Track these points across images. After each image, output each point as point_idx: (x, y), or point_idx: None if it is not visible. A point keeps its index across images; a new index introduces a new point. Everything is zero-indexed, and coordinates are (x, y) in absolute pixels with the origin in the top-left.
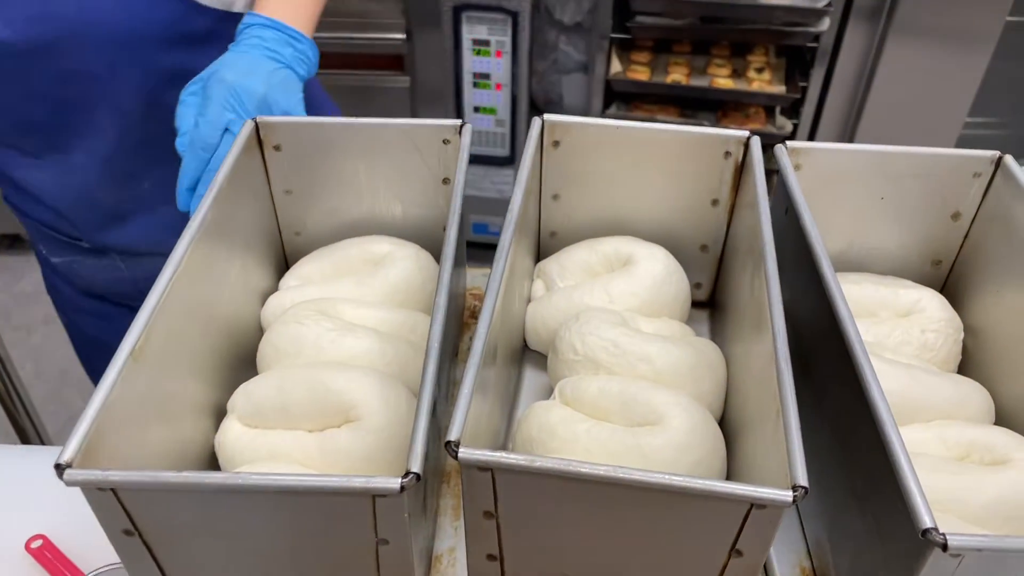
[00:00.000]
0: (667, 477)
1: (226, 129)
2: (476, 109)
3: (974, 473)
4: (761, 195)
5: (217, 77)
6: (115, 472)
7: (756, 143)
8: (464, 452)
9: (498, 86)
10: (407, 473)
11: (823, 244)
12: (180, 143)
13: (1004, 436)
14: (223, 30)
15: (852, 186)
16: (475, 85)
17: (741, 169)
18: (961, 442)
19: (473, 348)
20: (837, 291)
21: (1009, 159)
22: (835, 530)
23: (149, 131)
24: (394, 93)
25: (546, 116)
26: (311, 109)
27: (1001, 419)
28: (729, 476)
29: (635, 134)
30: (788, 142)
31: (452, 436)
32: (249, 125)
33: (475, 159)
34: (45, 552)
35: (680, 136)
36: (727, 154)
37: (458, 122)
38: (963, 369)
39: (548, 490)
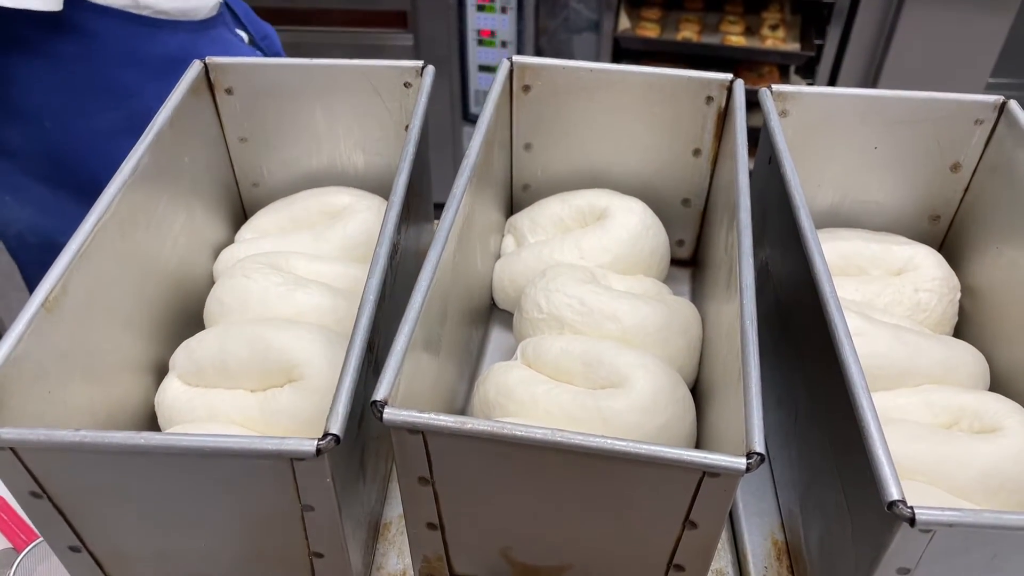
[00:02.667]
0: (609, 441)
1: None
2: (481, 68)
3: (961, 442)
4: (740, 142)
5: None
6: (7, 430)
7: (739, 87)
8: (390, 413)
9: (503, 44)
10: (325, 435)
11: (803, 193)
12: None
13: (995, 402)
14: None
15: (843, 134)
16: (480, 43)
17: (724, 116)
18: (949, 408)
19: (410, 303)
20: (814, 242)
21: (1013, 104)
22: (807, 501)
23: None
24: (397, 51)
25: (515, 57)
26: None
27: (997, 385)
28: (699, 443)
29: (610, 77)
30: (774, 86)
31: (378, 396)
32: (197, 66)
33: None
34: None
35: (658, 79)
36: (709, 99)
37: (419, 63)
38: (959, 332)
39: (484, 454)
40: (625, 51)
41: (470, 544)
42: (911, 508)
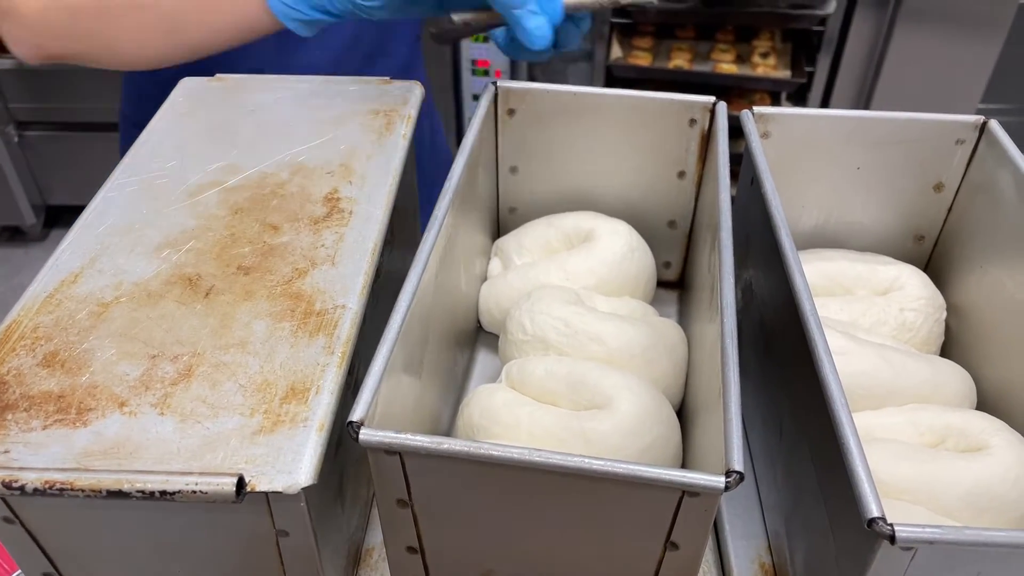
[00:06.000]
0: (587, 461)
1: None
2: (475, 97)
3: (947, 461)
4: (722, 163)
5: None
6: None
7: (722, 109)
8: (366, 434)
9: (497, 73)
10: None
11: (783, 212)
12: None
13: (981, 420)
14: None
15: (826, 155)
16: (474, 72)
17: (708, 138)
18: (935, 427)
19: (389, 325)
20: (794, 261)
21: (994, 124)
22: (793, 522)
23: None
24: None
25: (499, 82)
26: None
27: (984, 404)
28: (685, 464)
29: (594, 101)
30: (755, 108)
31: (354, 417)
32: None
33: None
34: None
35: (642, 102)
36: (692, 122)
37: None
38: (946, 351)
39: (462, 475)
40: (618, 79)
41: (451, 567)
42: (891, 525)
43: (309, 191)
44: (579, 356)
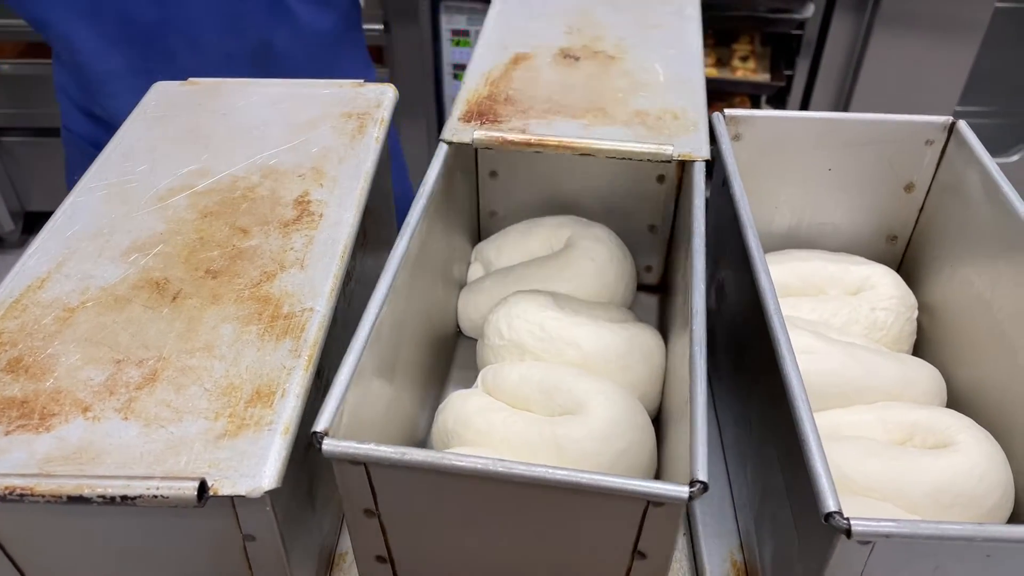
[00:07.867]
0: (550, 471)
1: None
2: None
3: (913, 458)
4: (698, 169)
5: None
6: None
7: None
8: (329, 444)
9: None
10: None
11: (751, 213)
12: None
13: (948, 417)
14: None
15: (798, 157)
16: (455, 76)
17: None
18: (903, 424)
19: (358, 331)
20: (759, 260)
21: (962, 124)
22: (761, 519)
23: None
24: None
25: None
26: None
27: (956, 402)
28: (659, 470)
29: None
30: (727, 110)
31: (318, 427)
32: None
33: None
34: None
35: None
36: None
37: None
38: (919, 350)
39: (428, 486)
40: None
41: None
42: (847, 519)
43: (279, 194)
44: (556, 361)
